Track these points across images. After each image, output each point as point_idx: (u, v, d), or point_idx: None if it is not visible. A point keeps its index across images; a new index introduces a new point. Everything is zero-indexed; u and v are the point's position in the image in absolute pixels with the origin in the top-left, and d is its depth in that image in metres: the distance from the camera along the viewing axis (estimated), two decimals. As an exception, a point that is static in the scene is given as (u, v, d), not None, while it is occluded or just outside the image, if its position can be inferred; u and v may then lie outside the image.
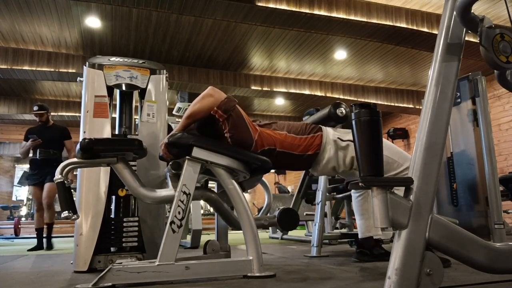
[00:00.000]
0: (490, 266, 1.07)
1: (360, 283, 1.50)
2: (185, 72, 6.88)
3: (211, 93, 1.81)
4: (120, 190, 2.20)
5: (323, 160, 1.98)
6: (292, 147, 1.95)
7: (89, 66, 2.27)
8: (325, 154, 1.97)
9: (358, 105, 1.11)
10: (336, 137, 1.99)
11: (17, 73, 6.19)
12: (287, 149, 1.94)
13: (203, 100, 1.80)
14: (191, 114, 1.79)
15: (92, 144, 1.68)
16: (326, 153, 1.97)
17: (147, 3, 4.48)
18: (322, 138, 1.98)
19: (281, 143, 1.93)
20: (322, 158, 1.98)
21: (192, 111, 1.79)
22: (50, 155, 4.17)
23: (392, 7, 5.17)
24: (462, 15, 1.14)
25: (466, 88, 2.88)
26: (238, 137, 1.81)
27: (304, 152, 1.96)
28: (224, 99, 1.80)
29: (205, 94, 1.81)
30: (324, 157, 1.97)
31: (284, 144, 1.94)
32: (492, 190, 2.67)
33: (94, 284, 1.44)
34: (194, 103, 1.80)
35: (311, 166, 2.06)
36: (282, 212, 2.03)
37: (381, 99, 8.03)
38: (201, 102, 1.79)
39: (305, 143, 1.97)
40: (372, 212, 1.06)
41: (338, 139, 1.98)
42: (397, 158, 1.94)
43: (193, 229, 3.77)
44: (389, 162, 1.90)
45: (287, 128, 2.01)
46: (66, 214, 1.62)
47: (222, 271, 1.62)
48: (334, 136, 1.99)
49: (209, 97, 1.80)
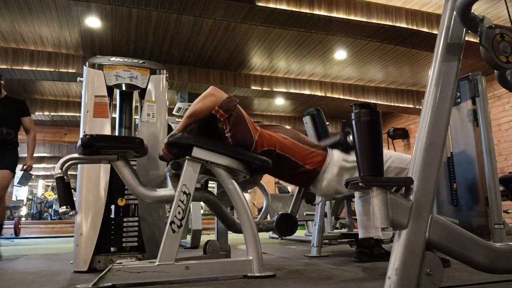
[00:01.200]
0: (490, 266, 1.07)
1: (360, 283, 1.50)
2: (185, 72, 6.88)
3: (212, 93, 1.81)
4: (120, 200, 2.18)
5: (323, 180, 1.95)
6: (292, 153, 1.93)
7: (89, 66, 2.27)
8: (327, 174, 1.95)
9: (358, 105, 1.11)
10: (341, 159, 1.95)
11: (17, 73, 6.19)
12: (286, 153, 1.92)
13: (205, 100, 1.80)
14: (192, 113, 1.79)
15: (93, 140, 1.69)
16: (328, 174, 1.94)
17: (147, 3, 4.48)
18: (325, 157, 1.95)
19: (281, 145, 1.92)
20: (323, 179, 1.95)
21: (193, 110, 1.79)
22: (3, 135, 3.21)
23: (392, 7, 5.17)
24: (462, 15, 1.14)
25: (466, 88, 2.87)
26: (238, 137, 1.81)
27: (303, 162, 1.93)
28: (225, 99, 1.80)
29: (207, 93, 1.81)
30: (326, 177, 1.95)
31: (284, 147, 1.92)
32: (492, 190, 2.67)
33: (94, 284, 1.43)
34: (196, 103, 1.80)
35: (311, 184, 2.03)
36: (280, 217, 2.03)
37: (381, 99, 8.03)
38: (202, 102, 1.79)
39: (305, 153, 1.94)
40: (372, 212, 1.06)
41: (343, 160, 1.95)
42: (405, 165, 1.94)
43: (193, 229, 3.77)
44: (399, 172, 1.91)
45: (291, 134, 2.00)
46: (64, 210, 1.61)
47: (222, 271, 1.62)
48: (339, 158, 1.96)
49: (211, 97, 1.80)
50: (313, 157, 1.95)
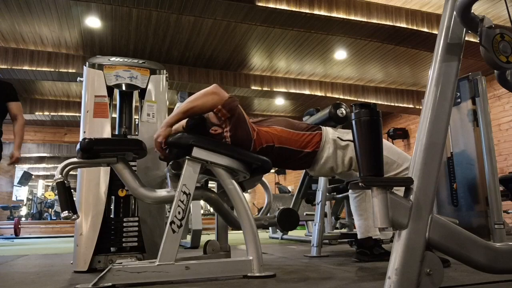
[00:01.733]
0: (490, 266, 1.07)
1: (360, 283, 1.50)
2: (185, 72, 6.88)
3: (215, 91, 1.78)
4: (120, 191, 2.19)
5: (321, 159, 1.97)
6: (290, 142, 1.93)
7: (89, 66, 2.27)
8: (324, 153, 1.96)
9: (358, 105, 1.11)
10: (336, 136, 1.98)
11: (17, 73, 6.20)
12: (285, 144, 1.92)
13: (207, 97, 1.77)
14: (190, 109, 1.75)
15: (92, 144, 1.68)
16: (325, 152, 1.96)
17: (147, 3, 4.48)
18: (321, 136, 1.97)
19: (279, 138, 1.92)
20: (321, 157, 1.96)
21: (192, 106, 1.75)
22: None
23: (392, 7, 5.18)
24: (462, 15, 1.14)
25: (466, 88, 2.88)
26: (238, 137, 1.81)
27: (303, 148, 1.95)
28: (228, 98, 1.79)
29: (209, 91, 1.78)
30: (323, 156, 1.96)
31: (281, 139, 1.92)
32: (492, 190, 2.67)
33: (94, 284, 1.43)
34: (195, 99, 1.76)
35: (310, 166, 2.06)
36: (282, 212, 2.03)
37: (381, 99, 8.04)
38: (204, 99, 1.77)
39: (303, 138, 1.96)
40: (370, 212, 1.06)
41: (337, 138, 1.97)
42: (396, 158, 1.93)
43: (193, 229, 3.77)
44: (388, 162, 1.89)
45: (284, 123, 2.00)
46: (66, 214, 1.62)
47: (222, 271, 1.62)
48: (334, 136, 1.98)
49: (213, 95, 1.77)
50: (310, 140, 1.96)
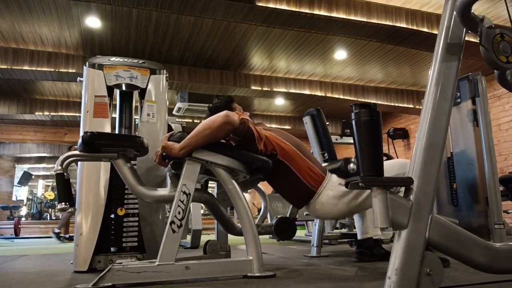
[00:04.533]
0: (490, 266, 1.07)
1: (360, 283, 1.50)
2: (185, 72, 6.87)
3: (228, 121, 1.67)
4: (119, 209, 2.16)
5: (317, 204, 1.89)
6: (294, 164, 1.87)
7: (89, 66, 2.27)
8: (321, 198, 1.88)
9: (358, 105, 1.11)
10: (338, 183, 1.88)
11: (17, 73, 6.19)
12: (287, 161, 1.87)
13: (220, 129, 1.67)
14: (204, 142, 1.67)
15: (94, 138, 1.69)
16: (323, 197, 1.87)
17: (147, 3, 4.48)
18: (323, 179, 1.89)
19: (282, 152, 1.87)
20: (317, 202, 1.89)
21: (205, 140, 1.67)
22: None
23: (392, 7, 5.17)
24: (462, 15, 1.14)
25: (466, 88, 2.88)
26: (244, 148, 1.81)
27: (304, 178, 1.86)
28: (240, 125, 1.71)
29: (222, 122, 1.66)
30: (320, 201, 1.88)
31: (286, 155, 1.87)
32: (492, 190, 2.67)
33: (94, 284, 1.43)
34: (209, 132, 1.66)
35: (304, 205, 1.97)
36: (279, 222, 2.02)
37: (381, 99, 8.03)
38: (217, 131, 1.67)
39: (308, 169, 1.88)
40: (370, 212, 1.06)
41: (339, 185, 1.87)
42: (396, 170, 1.86)
43: (193, 229, 3.77)
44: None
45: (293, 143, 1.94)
46: (62, 206, 1.61)
47: (222, 271, 1.62)
48: (336, 183, 1.89)
49: (227, 126, 1.67)
50: (313, 175, 1.88)
